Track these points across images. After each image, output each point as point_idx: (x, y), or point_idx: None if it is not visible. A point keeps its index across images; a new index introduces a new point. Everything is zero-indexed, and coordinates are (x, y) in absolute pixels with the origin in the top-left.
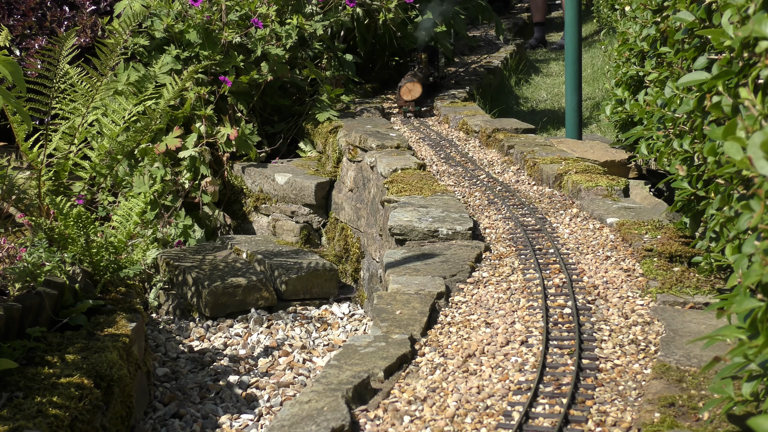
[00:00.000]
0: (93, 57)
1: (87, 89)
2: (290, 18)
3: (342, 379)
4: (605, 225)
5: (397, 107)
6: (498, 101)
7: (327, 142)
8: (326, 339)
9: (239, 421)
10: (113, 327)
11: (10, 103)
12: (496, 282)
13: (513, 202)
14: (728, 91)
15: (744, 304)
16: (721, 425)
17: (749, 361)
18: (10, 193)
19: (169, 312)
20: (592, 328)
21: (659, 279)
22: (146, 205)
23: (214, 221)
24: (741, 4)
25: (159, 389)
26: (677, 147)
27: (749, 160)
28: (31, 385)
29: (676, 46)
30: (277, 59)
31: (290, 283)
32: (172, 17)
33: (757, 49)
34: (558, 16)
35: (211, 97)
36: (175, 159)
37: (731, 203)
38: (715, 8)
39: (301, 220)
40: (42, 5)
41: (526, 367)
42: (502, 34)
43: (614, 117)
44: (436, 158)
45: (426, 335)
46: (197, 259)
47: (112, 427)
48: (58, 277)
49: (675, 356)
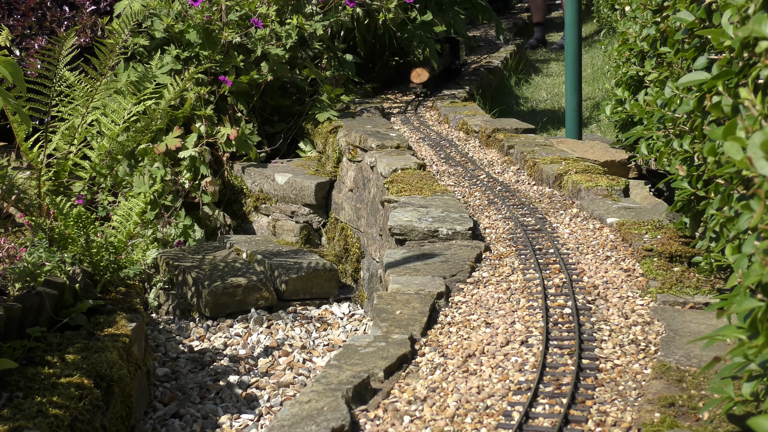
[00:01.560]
0: (93, 57)
1: (87, 89)
2: (290, 18)
3: (342, 379)
4: (605, 225)
5: (410, 88)
6: (498, 101)
7: (327, 142)
8: (326, 339)
9: (239, 421)
10: (113, 327)
11: (9, 104)
12: (496, 282)
13: (513, 202)
14: (728, 91)
15: (744, 304)
16: (721, 425)
17: (749, 361)
18: (10, 193)
19: (169, 312)
20: (592, 328)
21: (659, 279)
22: (146, 205)
23: (214, 221)
24: (741, 4)
25: (159, 389)
26: (677, 147)
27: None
28: (31, 385)
29: (676, 46)
30: (277, 59)
31: (290, 283)
32: (172, 17)
33: (757, 49)
34: (558, 16)
35: (211, 97)
36: (175, 159)
37: (731, 203)
38: (715, 8)
39: (301, 220)
40: (42, 5)
41: (526, 367)
42: (502, 34)
43: (614, 117)
44: (436, 158)
45: (426, 335)
46: (197, 259)
47: (112, 427)
48: (58, 277)
49: (675, 356)
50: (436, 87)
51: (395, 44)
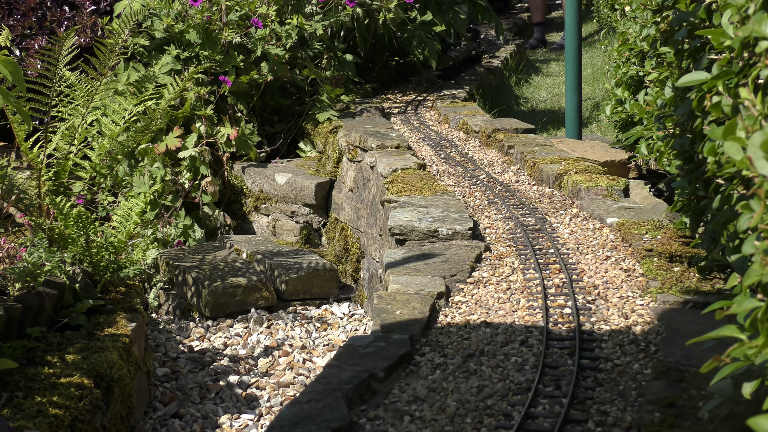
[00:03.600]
0: (93, 57)
1: (87, 89)
2: (290, 18)
3: (342, 379)
4: (605, 225)
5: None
6: (498, 101)
7: (327, 142)
8: (326, 339)
9: (239, 421)
10: (113, 327)
11: (10, 103)
12: (496, 282)
13: (513, 202)
14: (728, 91)
15: (744, 304)
16: (721, 425)
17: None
18: (10, 193)
19: (169, 312)
20: (592, 328)
21: (659, 279)
22: (146, 205)
23: (214, 221)
24: (741, 4)
25: (159, 389)
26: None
27: (749, 160)
28: (31, 385)
29: (676, 46)
30: (277, 59)
31: (290, 283)
32: (172, 17)
33: (757, 49)
34: (558, 16)
35: (211, 97)
36: (175, 159)
37: (731, 203)
38: (715, 8)
39: (301, 220)
40: (42, 5)
41: (526, 367)
42: (502, 34)
43: (614, 117)
44: (436, 158)
45: (426, 335)
46: (197, 259)
47: (112, 427)
48: (58, 277)
49: (675, 356)
50: (458, 71)
51: (395, 44)
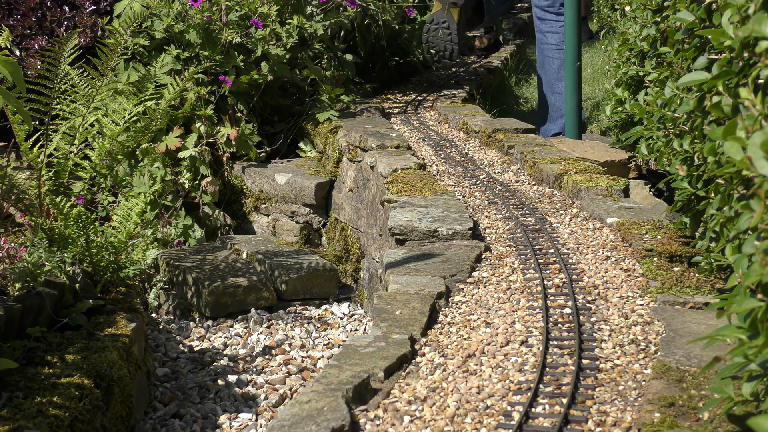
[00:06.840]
0: (93, 57)
1: (88, 89)
2: (290, 18)
3: (342, 379)
4: (605, 225)
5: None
6: (498, 101)
7: (327, 142)
8: (326, 339)
9: (239, 421)
10: (113, 327)
11: (10, 103)
12: (496, 282)
13: (513, 202)
14: (728, 91)
15: (744, 304)
16: (721, 425)
17: (749, 361)
18: (10, 193)
19: (169, 312)
20: (592, 328)
21: (659, 279)
22: (146, 205)
23: (214, 221)
24: (741, 4)
25: (159, 389)
26: (677, 147)
27: (749, 160)
28: (31, 385)
29: (676, 46)
30: (277, 59)
31: (290, 283)
32: (172, 17)
33: (757, 49)
34: None
35: (211, 97)
36: (175, 159)
37: (731, 203)
38: (715, 8)
39: (301, 220)
40: (42, 5)
41: (526, 367)
42: (502, 34)
43: (614, 117)
44: (436, 158)
45: (426, 335)
46: (197, 259)
47: (112, 427)
48: (58, 277)
49: (675, 356)
50: (489, 53)
51: (395, 44)
